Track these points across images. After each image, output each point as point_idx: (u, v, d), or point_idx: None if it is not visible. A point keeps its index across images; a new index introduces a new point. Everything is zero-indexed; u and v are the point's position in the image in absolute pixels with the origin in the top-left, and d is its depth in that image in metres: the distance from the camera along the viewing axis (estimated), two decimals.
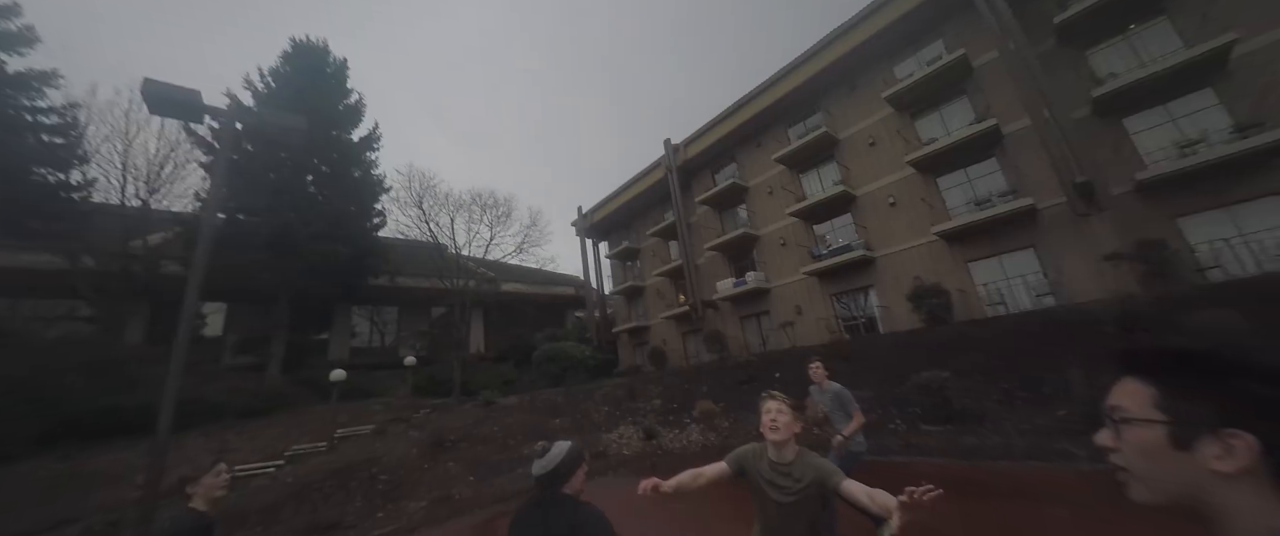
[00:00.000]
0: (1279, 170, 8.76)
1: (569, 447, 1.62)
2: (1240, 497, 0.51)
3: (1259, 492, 0.50)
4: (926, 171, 13.19)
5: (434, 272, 20.84)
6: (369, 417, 14.83)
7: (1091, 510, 3.79)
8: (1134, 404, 0.59)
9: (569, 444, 1.64)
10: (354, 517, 6.83)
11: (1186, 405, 0.55)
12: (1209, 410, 0.53)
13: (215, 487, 2.09)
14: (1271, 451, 0.49)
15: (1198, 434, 0.53)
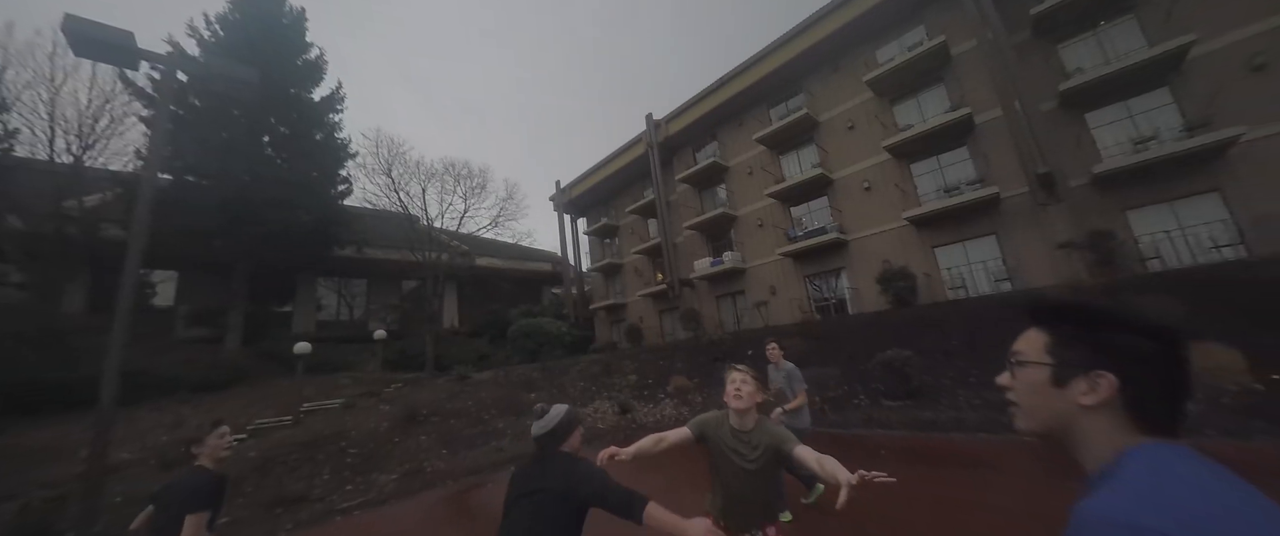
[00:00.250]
0: (1218, 169, 9.38)
1: (566, 410, 1.71)
2: (1097, 425, 0.64)
3: (1112, 421, 0.63)
4: (902, 157, 13.47)
5: (405, 244, 20.17)
6: (337, 391, 14.49)
7: (1028, 476, 4.11)
8: (1030, 349, 0.71)
9: (566, 407, 1.73)
10: (321, 490, 6.72)
11: (1068, 350, 0.66)
12: (1084, 354, 0.65)
13: (219, 448, 2.18)
14: (1125, 387, 0.61)
15: (1073, 373, 0.65)
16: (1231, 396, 4.67)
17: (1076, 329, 0.67)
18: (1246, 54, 9.27)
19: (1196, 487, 0.52)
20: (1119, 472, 0.58)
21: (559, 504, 1.50)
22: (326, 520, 5.56)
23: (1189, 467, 0.55)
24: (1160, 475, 0.55)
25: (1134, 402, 0.62)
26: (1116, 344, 0.63)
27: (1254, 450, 3.76)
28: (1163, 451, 0.58)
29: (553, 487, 1.52)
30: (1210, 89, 9.51)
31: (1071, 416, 0.65)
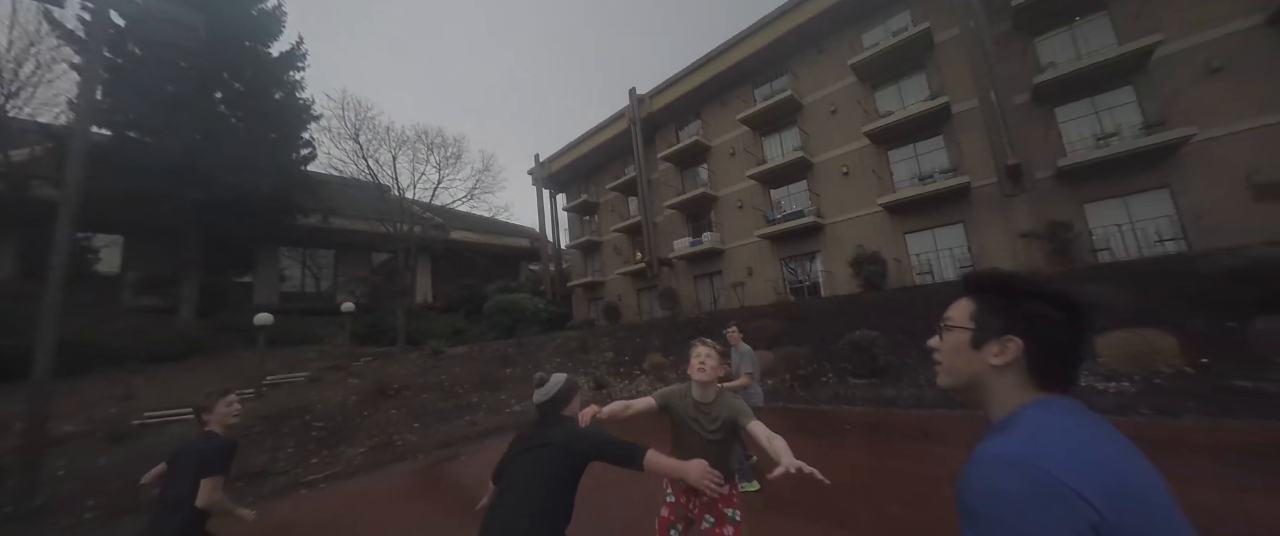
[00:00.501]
0: (1170, 167, 9.90)
1: (566, 378, 1.79)
2: (1003, 382, 0.71)
3: (1016, 381, 0.71)
4: (880, 144, 13.65)
5: (375, 215, 19.36)
6: (303, 365, 14.04)
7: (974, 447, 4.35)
8: (958, 314, 0.78)
9: (566, 375, 1.80)
10: (286, 463, 6.54)
11: (988, 317, 0.74)
12: (1000, 321, 0.72)
13: (228, 415, 2.28)
14: (1029, 351, 0.69)
15: (988, 337, 0.72)
16: (1165, 378, 5.05)
17: (997, 298, 0.74)
18: (1206, 57, 9.68)
19: (1071, 432, 0.61)
20: (1015, 421, 0.67)
21: (561, 457, 1.58)
22: (291, 493, 5.43)
23: (1071, 418, 0.65)
24: (1046, 423, 0.63)
25: (1035, 364, 0.70)
26: (1028, 313, 0.71)
27: (1184, 428, 4.09)
28: (1053, 404, 0.67)
29: (556, 442, 1.61)
30: (1170, 89, 9.93)
31: (984, 374, 0.73)
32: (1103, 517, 0.52)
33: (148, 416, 9.35)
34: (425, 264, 26.21)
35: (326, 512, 4.63)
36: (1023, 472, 0.56)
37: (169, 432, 8.37)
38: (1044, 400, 0.68)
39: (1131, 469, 0.58)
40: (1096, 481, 0.54)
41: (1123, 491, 0.54)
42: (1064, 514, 0.52)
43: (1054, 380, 0.70)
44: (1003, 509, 0.56)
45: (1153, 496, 0.57)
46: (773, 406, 7.40)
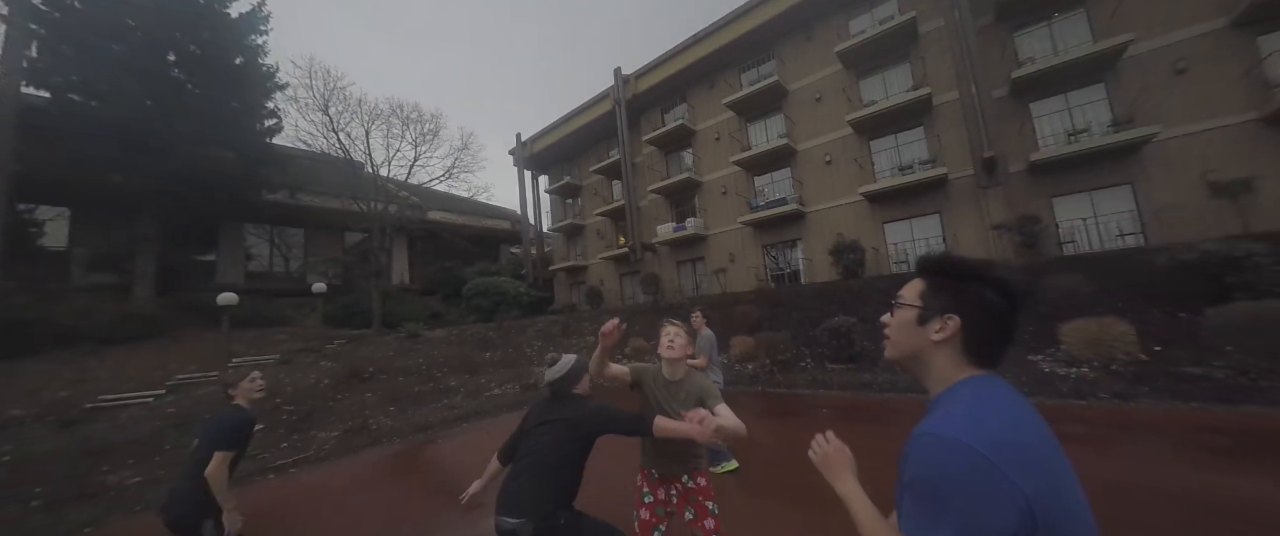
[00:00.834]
0: (1133, 164, 10.30)
1: (576, 359, 1.90)
2: (941, 357, 0.77)
3: (951, 356, 0.76)
4: (863, 133, 13.77)
5: (347, 193, 18.57)
6: (272, 347, 13.55)
7: None
8: (908, 293, 0.83)
9: (576, 356, 1.92)
10: (253, 448, 6.31)
11: (934, 296, 0.79)
12: (944, 300, 0.77)
13: (252, 391, 2.41)
14: (965, 329, 0.75)
15: (932, 315, 0.77)
16: (1121, 365, 5.32)
17: (944, 279, 0.79)
18: (1172, 58, 10.02)
19: (1002, 414, 0.67)
20: (950, 398, 0.73)
21: (571, 432, 1.69)
22: (258, 478, 5.24)
23: (999, 395, 0.71)
24: (980, 404, 0.69)
25: (970, 342, 0.75)
26: (969, 294, 0.75)
27: (1138, 411, 4.32)
28: (984, 382, 0.74)
29: (566, 418, 1.72)
30: (1138, 88, 10.27)
31: (924, 349, 0.79)
32: (1027, 498, 0.59)
33: (103, 399, 8.88)
34: (402, 245, 25.44)
35: (295, 497, 4.49)
36: (963, 454, 0.62)
37: (125, 416, 7.97)
38: (976, 376, 0.75)
39: (1048, 450, 0.66)
40: (1021, 460, 0.61)
41: (1041, 470, 0.62)
42: (999, 494, 0.59)
43: (985, 358, 0.76)
44: (945, 486, 0.63)
45: (1060, 472, 0.65)
46: (752, 391, 7.53)
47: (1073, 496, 0.64)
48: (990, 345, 0.76)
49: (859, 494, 0.88)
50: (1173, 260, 6.51)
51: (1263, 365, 4.54)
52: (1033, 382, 5.42)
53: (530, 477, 1.63)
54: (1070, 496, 0.64)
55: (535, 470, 1.64)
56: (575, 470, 1.70)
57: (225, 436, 2.19)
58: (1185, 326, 5.78)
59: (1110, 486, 2.88)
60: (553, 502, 1.60)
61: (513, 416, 7.48)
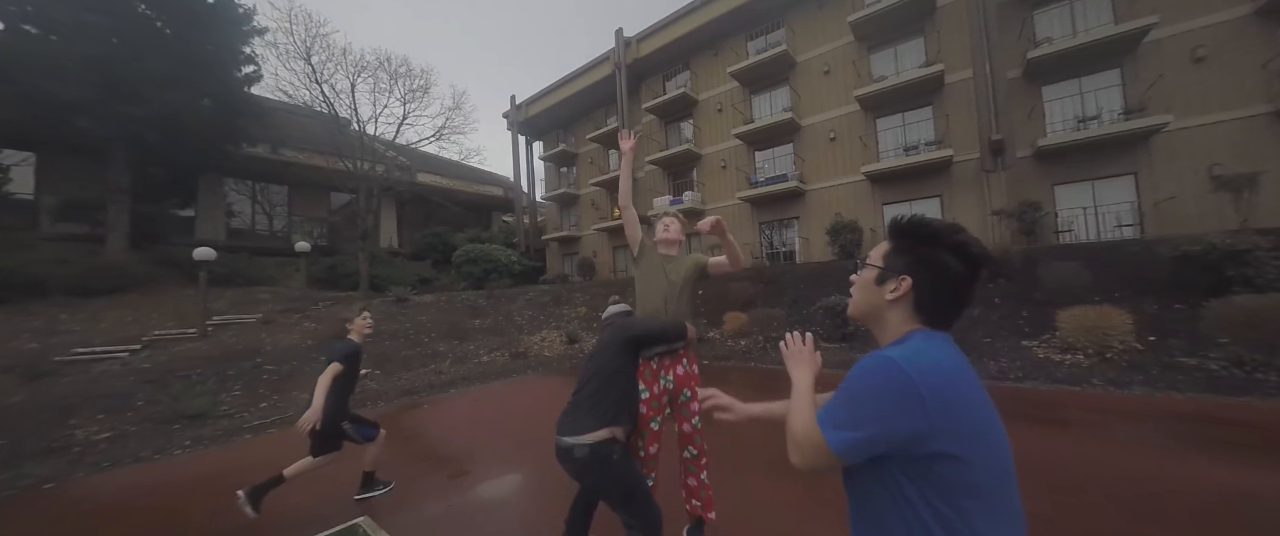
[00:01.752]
0: (1139, 154, 10.15)
1: (626, 306, 2.22)
2: (894, 315, 0.82)
3: (903, 315, 0.81)
4: (870, 110, 13.38)
5: (332, 150, 17.79)
6: (254, 306, 13.20)
7: None
8: (874, 255, 0.88)
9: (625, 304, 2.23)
10: (231, 407, 6.13)
11: (895, 258, 0.83)
12: (902, 262, 0.81)
13: (362, 327, 3.15)
14: (917, 290, 0.79)
15: (889, 276, 0.82)
16: (1116, 353, 5.30)
17: (905, 242, 0.83)
18: (1193, 44, 9.71)
19: (937, 357, 0.73)
20: (901, 342, 0.79)
21: (617, 340, 1.90)
22: (234, 437, 5.08)
23: (940, 346, 0.76)
24: (922, 343, 0.75)
25: (921, 302, 0.80)
26: (924, 257, 0.79)
27: (1131, 399, 4.30)
28: (931, 335, 0.78)
29: (614, 329, 1.97)
30: (1155, 75, 9.99)
31: (879, 307, 0.84)
32: (929, 418, 0.67)
33: (75, 353, 8.58)
34: (390, 207, 24.75)
35: (273, 457, 4.34)
36: (890, 367, 0.71)
37: (98, 371, 7.70)
38: (923, 331, 0.79)
39: (972, 395, 0.72)
40: (936, 392, 0.68)
41: (952, 406, 0.69)
42: (904, 403, 0.68)
43: (935, 318, 0.80)
44: (863, 386, 0.73)
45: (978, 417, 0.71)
46: (745, 365, 7.48)
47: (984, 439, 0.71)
48: (941, 307, 0.80)
49: (808, 384, 0.94)
50: (1175, 251, 6.44)
51: (1258, 358, 4.53)
52: (1028, 367, 5.40)
53: (587, 395, 1.79)
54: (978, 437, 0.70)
55: (593, 388, 1.81)
56: (629, 383, 1.85)
57: (337, 353, 2.95)
58: (1181, 317, 5.77)
59: (1093, 469, 2.83)
60: (609, 415, 1.73)
61: (502, 384, 7.37)
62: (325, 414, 2.78)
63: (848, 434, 0.72)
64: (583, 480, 1.76)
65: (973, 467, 0.69)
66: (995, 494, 0.71)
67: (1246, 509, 2.36)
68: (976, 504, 0.69)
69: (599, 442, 1.67)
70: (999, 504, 0.71)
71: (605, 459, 1.67)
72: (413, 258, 24.35)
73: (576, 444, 1.67)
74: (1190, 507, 2.40)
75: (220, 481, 3.78)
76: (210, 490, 3.61)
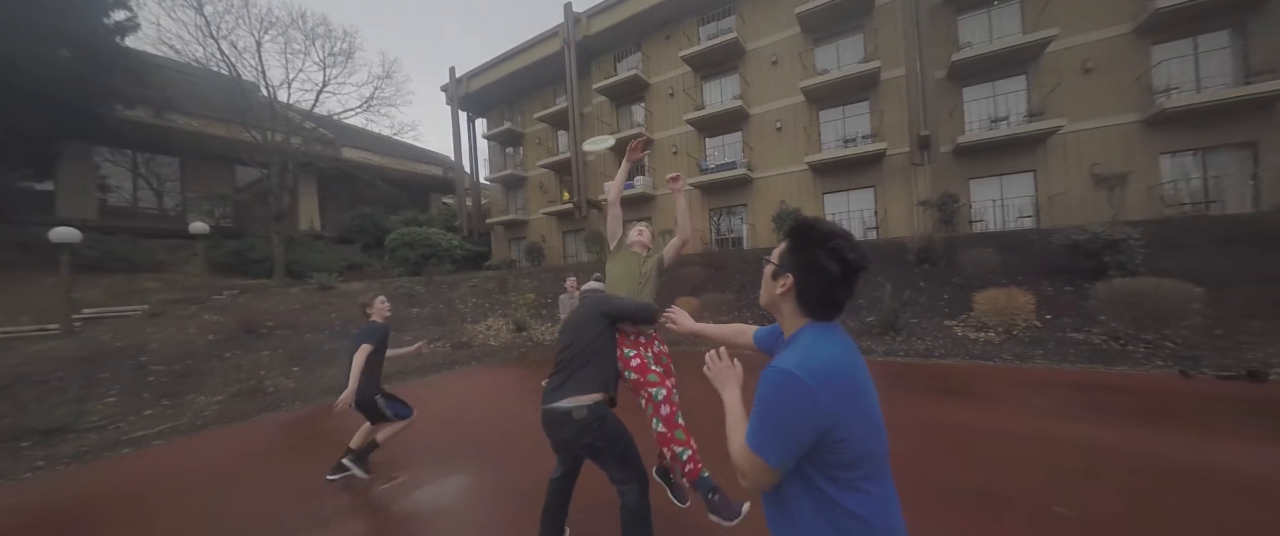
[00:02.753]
0: (1038, 153, 11.37)
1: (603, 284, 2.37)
2: (785, 307, 0.94)
3: (792, 308, 0.93)
4: (814, 102, 13.88)
5: (235, 117, 15.58)
6: (138, 297, 11.38)
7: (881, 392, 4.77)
8: (776, 252, 0.98)
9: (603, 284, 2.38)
10: (103, 417, 5.18)
11: (786, 256, 0.94)
12: (789, 260, 0.92)
13: (383, 310, 3.38)
14: (798, 287, 0.90)
15: (780, 273, 0.93)
16: (1021, 330, 5.94)
17: (793, 242, 0.91)
18: (1083, 57, 10.95)
19: (825, 355, 0.84)
20: (793, 342, 0.90)
21: (595, 315, 2.02)
22: (107, 453, 4.27)
23: (828, 341, 0.87)
24: (812, 344, 0.86)
25: (803, 298, 0.90)
26: (804, 259, 0.88)
27: (1032, 371, 4.82)
28: (819, 330, 0.89)
29: (589, 304, 2.08)
30: (1053, 82, 11.19)
31: (775, 300, 0.94)
32: (830, 414, 0.79)
33: None
34: (310, 185, 22.30)
35: (157, 471, 3.70)
36: (786, 377, 0.80)
37: None
38: (813, 325, 0.89)
39: (854, 382, 0.83)
40: (831, 388, 0.79)
41: (848, 395, 0.81)
42: (809, 408, 0.79)
43: (817, 312, 0.90)
44: (774, 402, 0.82)
45: (861, 398, 0.83)
46: (693, 350, 7.56)
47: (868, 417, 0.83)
48: (820, 304, 0.89)
49: (738, 401, 1.01)
50: (1066, 239, 7.30)
51: (1129, 332, 5.25)
52: (949, 345, 5.91)
53: (573, 364, 1.89)
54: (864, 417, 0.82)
55: (576, 356, 1.91)
56: (611, 357, 1.97)
57: (365, 335, 3.17)
58: (1071, 298, 6.57)
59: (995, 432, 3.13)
60: (599, 381, 1.86)
61: (444, 376, 6.90)
62: (358, 392, 3.02)
63: (780, 449, 0.81)
64: (582, 440, 1.79)
65: (861, 441, 0.81)
66: (876, 457, 0.84)
67: (1126, 462, 2.68)
68: (863, 469, 0.82)
69: (596, 403, 1.81)
70: (880, 464, 0.85)
71: (603, 418, 1.81)
72: (339, 241, 22.23)
73: (576, 406, 1.78)
74: (1080, 466, 2.69)
75: (80, 510, 3.14)
76: (68, 520, 2.98)
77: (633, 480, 1.80)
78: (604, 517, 2.33)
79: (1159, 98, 10.10)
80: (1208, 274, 6.19)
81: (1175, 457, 2.76)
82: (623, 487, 1.79)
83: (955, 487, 2.56)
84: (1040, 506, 2.31)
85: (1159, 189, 10.26)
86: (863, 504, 0.82)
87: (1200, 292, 5.13)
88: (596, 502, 2.42)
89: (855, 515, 0.81)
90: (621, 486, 1.80)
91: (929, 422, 3.57)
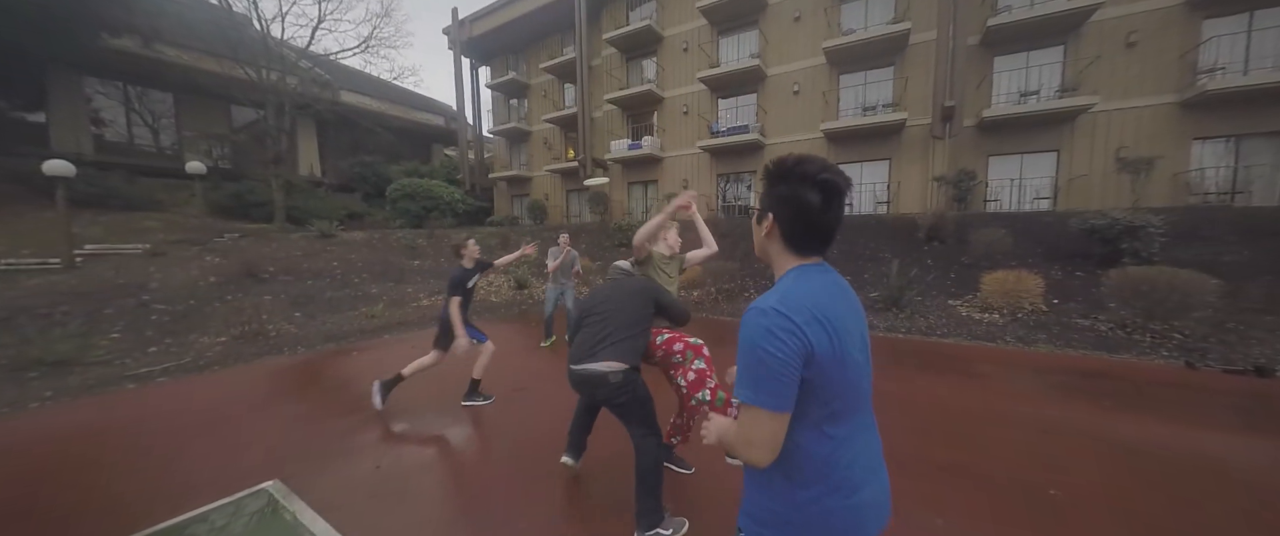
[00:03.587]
0: (1064, 132, 10.89)
1: None
2: (772, 249, 0.92)
3: (779, 248, 0.90)
4: (835, 64, 13.17)
5: (227, 52, 14.88)
6: (138, 235, 11.33)
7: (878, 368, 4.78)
8: (759, 200, 0.99)
9: None
10: (107, 352, 5.24)
11: (764, 199, 0.91)
12: (767, 201, 0.90)
13: (474, 253, 3.69)
14: (780, 225, 0.87)
15: (762, 216, 0.91)
16: (1026, 314, 5.88)
17: (769, 183, 0.90)
18: (1128, 29, 10.23)
19: (807, 289, 0.83)
20: (779, 282, 0.87)
21: (643, 296, 2.19)
22: (112, 387, 4.34)
23: (816, 279, 0.85)
24: (795, 283, 0.84)
25: (787, 236, 0.88)
26: (780, 194, 0.87)
27: (1036, 355, 4.79)
28: (805, 269, 0.87)
29: (638, 286, 2.23)
30: (1092, 55, 10.52)
31: (763, 244, 0.94)
32: (810, 343, 0.77)
33: None
34: (309, 130, 21.70)
35: (165, 408, 3.77)
36: (763, 314, 0.79)
37: None
38: (802, 265, 0.88)
39: (837, 313, 0.82)
40: (810, 319, 0.78)
41: (826, 327, 0.78)
42: (786, 338, 0.76)
43: (802, 248, 0.88)
44: (757, 341, 0.78)
45: (845, 333, 0.81)
46: (697, 317, 7.56)
47: (840, 358, 0.80)
48: (802, 237, 0.87)
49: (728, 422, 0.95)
50: (1084, 223, 7.10)
51: (1137, 321, 5.19)
52: (952, 324, 5.87)
53: (613, 332, 2.04)
54: (837, 358, 0.79)
55: (617, 326, 2.06)
56: (647, 330, 2.16)
57: (451, 285, 3.51)
58: (1080, 283, 6.47)
59: (993, 414, 3.13)
60: (635, 353, 2.06)
61: None
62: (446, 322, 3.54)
63: (770, 386, 0.77)
64: (616, 400, 2.00)
65: (829, 383, 0.79)
66: (844, 397, 0.82)
67: (1126, 448, 2.68)
68: (831, 408, 0.81)
69: (630, 369, 2.02)
70: (851, 405, 0.83)
71: (635, 382, 2.03)
72: (340, 189, 21.92)
73: (612, 371, 1.98)
74: (1073, 449, 2.69)
75: (89, 440, 3.21)
76: (79, 449, 3.04)
77: (652, 435, 2.00)
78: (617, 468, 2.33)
79: (1201, 78, 9.53)
80: (1227, 266, 6.06)
81: (1170, 445, 2.76)
82: (643, 442, 1.97)
83: (945, 465, 2.57)
84: (1034, 487, 2.32)
85: (1185, 176, 9.91)
86: (817, 443, 0.81)
87: (1217, 285, 5.02)
88: (609, 455, 2.55)
89: (804, 449, 0.81)
90: (642, 441, 1.97)
91: (920, 399, 3.58)
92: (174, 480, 2.62)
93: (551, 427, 3.24)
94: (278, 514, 2.29)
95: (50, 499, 2.45)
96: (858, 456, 0.84)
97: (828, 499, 0.81)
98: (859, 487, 0.82)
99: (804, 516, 0.81)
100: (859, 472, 0.83)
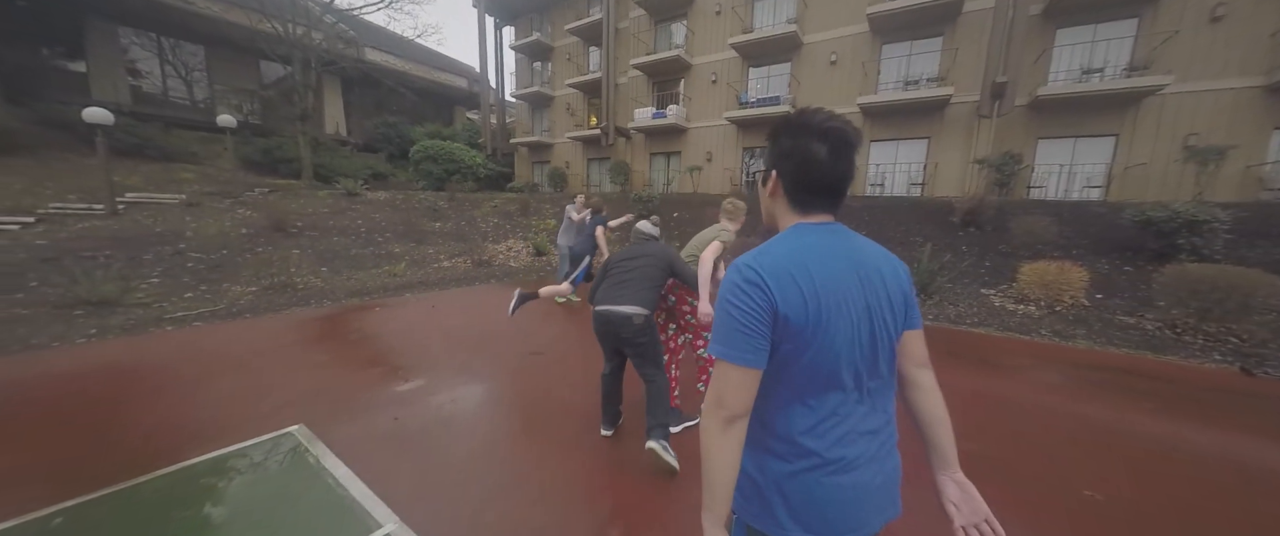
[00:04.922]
0: (1127, 115, 10.03)
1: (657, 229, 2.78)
2: (777, 209, 0.88)
3: (784, 207, 0.86)
4: (878, 33, 12.32)
5: (254, 4, 14.79)
6: (175, 186, 11.70)
7: None
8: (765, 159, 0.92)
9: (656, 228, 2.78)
10: (147, 295, 5.48)
11: (767, 158, 0.88)
12: (769, 158, 0.87)
13: (584, 204, 5.59)
14: (782, 181, 0.83)
15: (766, 176, 0.87)
16: (1065, 307, 5.57)
17: (771, 141, 0.86)
18: (1216, 1, 9.18)
19: (792, 245, 0.78)
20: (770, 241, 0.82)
21: (661, 261, 2.47)
22: (151, 328, 4.55)
23: (807, 235, 0.80)
24: (782, 240, 0.80)
25: (789, 192, 0.84)
26: (780, 148, 0.83)
27: (1072, 350, 4.55)
28: (801, 227, 0.82)
29: (657, 252, 2.50)
30: (1170, 29, 9.53)
31: (768, 206, 0.90)
32: (775, 301, 0.73)
33: None
34: (334, 88, 21.74)
35: (200, 349, 3.93)
36: (737, 269, 0.77)
37: None
38: (800, 224, 0.83)
39: (828, 276, 0.76)
40: (782, 278, 0.74)
41: (802, 289, 0.73)
42: (750, 292, 0.74)
43: (808, 204, 0.83)
44: (728, 292, 0.77)
45: (832, 298, 0.75)
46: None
47: (823, 325, 0.74)
48: (806, 193, 0.82)
49: None
50: (1140, 215, 6.60)
51: (1189, 321, 4.85)
52: (983, 314, 5.62)
53: (636, 284, 2.37)
54: (828, 317, 0.74)
55: (639, 279, 2.39)
56: (660, 289, 2.45)
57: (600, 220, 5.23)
58: (1128, 278, 6.08)
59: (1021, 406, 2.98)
60: (652, 302, 2.37)
61: (464, 290, 7.03)
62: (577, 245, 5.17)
63: (736, 340, 0.74)
64: (638, 339, 2.31)
65: (809, 346, 0.74)
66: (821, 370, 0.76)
67: (1169, 452, 2.53)
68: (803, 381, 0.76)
69: (649, 313, 2.35)
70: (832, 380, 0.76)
71: (652, 325, 2.37)
72: (364, 149, 22.12)
73: (635, 313, 2.30)
74: (1112, 450, 2.54)
75: (130, 375, 3.37)
76: (121, 383, 3.20)
77: (660, 372, 2.35)
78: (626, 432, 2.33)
79: None
80: None
81: (1223, 454, 2.58)
82: (652, 379, 2.33)
83: (965, 454, 2.46)
84: (1064, 484, 2.20)
85: (1259, 169, 9.07)
86: (801, 414, 0.77)
87: None
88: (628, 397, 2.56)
89: (784, 417, 0.77)
90: (654, 378, 2.33)
91: (942, 383, 3.43)
92: (207, 415, 2.73)
93: (565, 391, 3.25)
94: (302, 455, 2.40)
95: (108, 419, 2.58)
96: (851, 434, 0.77)
97: (808, 475, 0.75)
98: (852, 468, 0.76)
99: (783, 491, 0.76)
100: (853, 452, 0.76)
